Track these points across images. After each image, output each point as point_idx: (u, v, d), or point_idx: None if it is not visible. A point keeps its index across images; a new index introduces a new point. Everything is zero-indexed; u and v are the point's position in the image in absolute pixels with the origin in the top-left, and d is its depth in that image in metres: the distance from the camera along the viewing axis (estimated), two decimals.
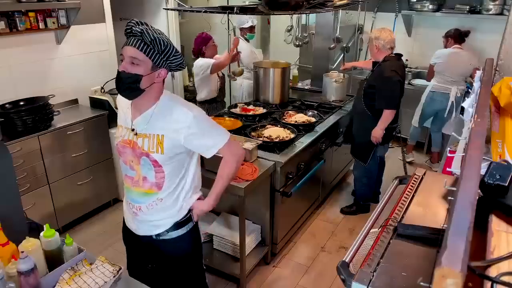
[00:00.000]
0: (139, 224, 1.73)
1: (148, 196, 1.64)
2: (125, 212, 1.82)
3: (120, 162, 1.71)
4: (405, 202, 1.57)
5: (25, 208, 2.08)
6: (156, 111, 1.56)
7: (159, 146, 1.54)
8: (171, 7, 4.28)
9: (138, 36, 1.45)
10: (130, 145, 1.59)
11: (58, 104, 3.34)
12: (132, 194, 1.67)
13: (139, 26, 1.45)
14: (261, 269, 2.89)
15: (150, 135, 1.55)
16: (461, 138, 1.91)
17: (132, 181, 1.64)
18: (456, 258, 0.68)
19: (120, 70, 1.48)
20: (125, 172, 1.68)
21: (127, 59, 1.48)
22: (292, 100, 3.94)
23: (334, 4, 3.20)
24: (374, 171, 3.43)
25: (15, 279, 1.34)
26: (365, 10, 5.07)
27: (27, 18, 3.00)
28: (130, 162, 1.61)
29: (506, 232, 1.08)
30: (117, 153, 1.72)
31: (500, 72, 2.15)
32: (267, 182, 2.68)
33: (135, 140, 1.58)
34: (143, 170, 1.59)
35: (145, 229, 1.73)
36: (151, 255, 1.84)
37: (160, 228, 1.70)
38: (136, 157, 1.58)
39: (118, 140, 1.65)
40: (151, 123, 1.56)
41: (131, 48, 1.46)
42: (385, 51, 3.05)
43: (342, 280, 1.22)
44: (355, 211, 3.54)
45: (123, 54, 1.48)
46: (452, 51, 4.10)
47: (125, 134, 1.62)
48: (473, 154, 1.04)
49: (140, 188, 1.63)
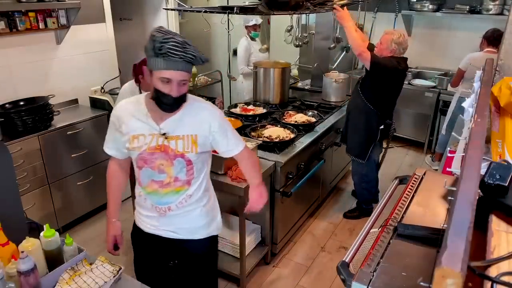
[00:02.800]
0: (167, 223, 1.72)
1: (178, 194, 1.65)
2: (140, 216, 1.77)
3: (140, 172, 1.64)
4: (405, 202, 1.57)
5: (25, 208, 2.08)
6: (185, 112, 1.58)
7: (193, 146, 1.59)
8: (171, 7, 4.28)
9: (189, 60, 1.43)
10: (161, 149, 1.57)
11: (58, 104, 3.34)
12: (160, 197, 1.65)
13: (188, 50, 1.40)
14: (261, 269, 2.89)
15: (184, 136, 1.58)
16: (461, 138, 1.92)
17: (161, 184, 1.62)
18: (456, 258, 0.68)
19: (175, 95, 1.46)
20: (149, 178, 1.63)
21: (176, 82, 1.44)
22: (292, 100, 3.94)
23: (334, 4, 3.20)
24: (372, 175, 3.43)
25: (15, 279, 1.35)
26: (365, 10, 5.06)
27: (27, 18, 2.99)
28: (160, 166, 1.60)
29: (506, 232, 1.08)
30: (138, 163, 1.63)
31: (500, 72, 2.15)
32: (267, 182, 2.68)
33: (167, 143, 1.57)
34: (175, 171, 1.60)
35: (177, 227, 1.73)
36: (173, 252, 1.84)
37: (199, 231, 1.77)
38: (169, 160, 1.59)
39: (142, 149, 1.58)
40: (182, 124, 1.58)
41: (182, 73, 1.44)
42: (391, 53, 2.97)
43: (342, 280, 1.22)
44: (358, 216, 3.53)
45: (169, 78, 1.43)
46: (484, 55, 3.65)
47: (151, 141, 1.57)
48: (473, 154, 1.04)
49: (171, 188, 1.64)
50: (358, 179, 3.44)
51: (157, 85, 1.46)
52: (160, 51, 1.38)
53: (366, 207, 3.51)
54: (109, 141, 1.72)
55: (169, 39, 1.38)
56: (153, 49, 1.39)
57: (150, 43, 1.40)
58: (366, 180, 3.41)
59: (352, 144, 3.31)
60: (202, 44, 5.53)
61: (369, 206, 3.52)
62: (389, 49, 2.98)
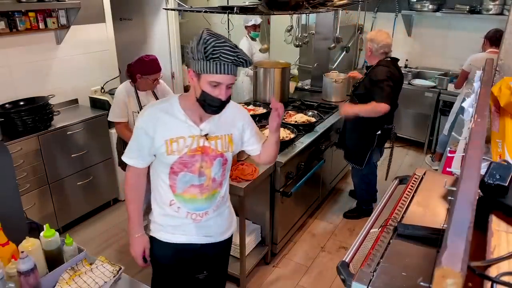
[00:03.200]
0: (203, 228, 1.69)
1: (214, 197, 1.65)
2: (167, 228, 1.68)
3: (177, 178, 1.57)
4: (405, 202, 1.57)
5: (25, 208, 2.08)
6: (221, 112, 1.57)
7: (229, 145, 1.63)
8: (171, 7, 4.28)
9: (239, 64, 1.41)
10: (202, 151, 1.56)
11: (58, 104, 3.34)
12: (198, 203, 1.62)
13: (239, 54, 1.39)
14: (261, 269, 2.89)
15: (222, 136, 1.60)
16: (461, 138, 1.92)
17: (200, 188, 1.60)
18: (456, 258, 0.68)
19: (223, 99, 1.45)
20: (188, 183, 1.58)
21: (224, 86, 1.43)
22: (292, 100, 3.94)
23: (334, 4, 3.20)
24: (372, 177, 3.43)
25: (15, 279, 1.34)
26: (365, 10, 5.08)
27: (27, 18, 3.00)
28: (200, 169, 1.57)
29: (506, 232, 1.08)
30: (175, 168, 1.56)
31: (500, 72, 2.15)
32: (267, 182, 2.68)
33: (207, 144, 1.57)
34: (214, 171, 1.61)
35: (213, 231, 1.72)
36: (204, 259, 1.81)
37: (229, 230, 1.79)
38: (209, 161, 1.58)
39: (183, 152, 1.53)
40: (220, 125, 1.59)
41: (232, 77, 1.43)
42: (378, 55, 2.93)
43: (342, 280, 1.22)
44: (358, 216, 3.53)
45: (220, 82, 1.41)
46: (486, 56, 3.51)
47: (192, 143, 1.54)
48: (473, 154, 1.04)
49: (209, 191, 1.62)
50: (358, 181, 3.45)
51: (205, 88, 1.43)
52: (213, 55, 1.36)
53: (366, 207, 3.52)
54: (134, 150, 1.60)
55: (222, 43, 1.36)
56: (204, 52, 1.36)
57: (200, 46, 1.36)
58: (367, 181, 3.41)
59: (349, 150, 3.29)
60: None
61: (369, 206, 3.52)
62: (368, 53, 2.98)
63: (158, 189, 1.64)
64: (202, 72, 1.41)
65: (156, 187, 1.65)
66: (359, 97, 3.03)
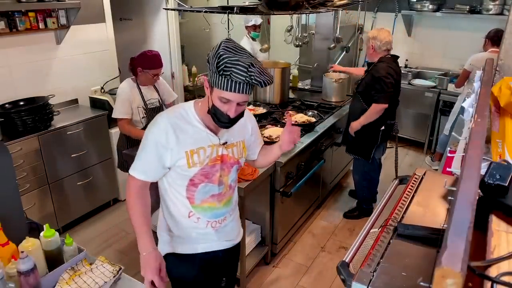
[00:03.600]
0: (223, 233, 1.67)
1: (230, 203, 1.65)
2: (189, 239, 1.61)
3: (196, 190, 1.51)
4: (405, 202, 1.57)
5: (25, 208, 2.08)
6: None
7: (243, 151, 1.62)
8: (171, 7, 4.28)
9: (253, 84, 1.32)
10: (221, 160, 1.52)
11: (58, 104, 3.34)
12: (217, 210, 1.59)
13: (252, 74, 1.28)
14: (261, 269, 2.89)
15: (237, 143, 1.59)
16: (461, 138, 1.92)
17: (219, 196, 1.57)
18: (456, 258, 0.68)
19: (232, 116, 1.38)
20: (209, 193, 1.53)
21: (234, 103, 1.36)
22: (292, 100, 3.94)
23: (334, 4, 3.20)
24: (374, 174, 3.44)
25: (15, 279, 1.35)
26: (365, 10, 5.08)
27: (27, 18, 3.00)
28: (220, 178, 1.54)
29: (506, 232, 1.08)
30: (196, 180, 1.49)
31: (500, 72, 2.15)
32: (267, 182, 2.68)
33: (225, 152, 1.54)
34: (230, 178, 1.59)
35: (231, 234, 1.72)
36: (225, 265, 1.79)
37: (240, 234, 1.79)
38: (227, 169, 1.56)
39: (204, 163, 1.47)
40: (234, 131, 1.56)
41: (243, 96, 1.35)
42: (381, 52, 3.03)
43: (342, 280, 1.22)
44: (358, 215, 3.53)
45: (228, 99, 1.34)
46: (487, 56, 3.54)
47: (211, 153, 1.49)
48: (473, 154, 1.04)
49: (226, 198, 1.61)
50: (359, 178, 3.44)
51: (215, 102, 1.37)
52: (224, 72, 1.29)
53: (366, 207, 3.51)
54: (146, 163, 1.46)
55: (236, 61, 1.28)
56: (217, 67, 1.30)
57: (214, 58, 1.30)
58: (368, 178, 3.41)
59: (354, 144, 3.32)
60: (202, 44, 5.53)
61: (369, 206, 3.52)
62: (371, 50, 3.05)
63: (174, 202, 1.55)
64: (214, 85, 1.35)
65: (171, 200, 1.56)
66: (362, 94, 3.11)
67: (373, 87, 2.97)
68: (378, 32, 3.03)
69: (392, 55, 3.08)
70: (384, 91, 2.92)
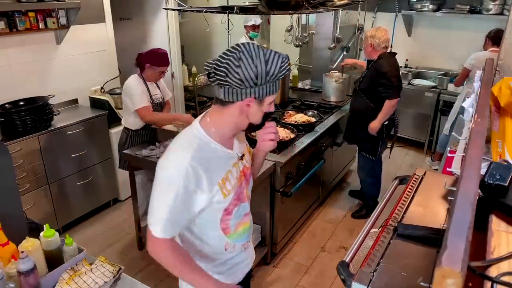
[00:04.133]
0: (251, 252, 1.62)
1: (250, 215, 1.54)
2: (229, 271, 1.49)
3: (231, 217, 1.37)
4: (405, 202, 1.57)
5: (25, 208, 2.08)
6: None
7: (249, 155, 1.53)
8: (171, 7, 4.27)
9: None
10: (243, 175, 1.41)
11: (58, 104, 3.34)
12: (248, 229, 1.50)
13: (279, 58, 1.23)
14: (261, 269, 2.89)
15: (245, 150, 1.50)
16: (461, 138, 1.91)
17: (248, 215, 1.48)
18: (456, 258, 0.68)
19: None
20: (242, 214, 1.42)
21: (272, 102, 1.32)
22: (292, 100, 3.94)
23: (334, 4, 3.20)
24: (378, 170, 3.45)
25: (15, 279, 1.35)
26: (365, 10, 5.07)
27: (27, 18, 3.00)
28: (247, 193, 1.45)
29: (506, 232, 1.08)
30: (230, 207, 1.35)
31: (500, 72, 2.15)
32: (267, 182, 2.68)
33: (243, 164, 1.43)
34: (249, 189, 1.49)
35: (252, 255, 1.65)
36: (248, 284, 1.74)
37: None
38: (247, 180, 1.45)
39: (236, 187, 1.35)
40: (239, 139, 1.46)
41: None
42: (380, 50, 3.10)
43: (342, 280, 1.22)
44: (366, 214, 3.50)
45: (272, 101, 1.32)
46: (488, 55, 3.58)
47: (236, 172, 1.36)
48: (473, 154, 1.04)
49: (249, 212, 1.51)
50: (365, 175, 3.45)
51: (265, 109, 1.29)
52: (280, 74, 1.25)
53: (374, 204, 3.50)
54: (175, 220, 1.23)
55: (284, 59, 1.25)
56: (273, 75, 1.23)
57: (263, 73, 1.20)
58: (374, 175, 3.42)
59: (362, 141, 3.34)
60: (202, 44, 5.53)
61: (376, 203, 3.51)
62: (369, 49, 3.13)
63: (206, 242, 1.39)
64: (265, 95, 1.25)
65: (201, 244, 1.39)
66: (364, 92, 3.15)
67: (379, 83, 3.03)
68: (376, 31, 3.12)
69: (391, 52, 3.15)
70: (392, 85, 2.99)
